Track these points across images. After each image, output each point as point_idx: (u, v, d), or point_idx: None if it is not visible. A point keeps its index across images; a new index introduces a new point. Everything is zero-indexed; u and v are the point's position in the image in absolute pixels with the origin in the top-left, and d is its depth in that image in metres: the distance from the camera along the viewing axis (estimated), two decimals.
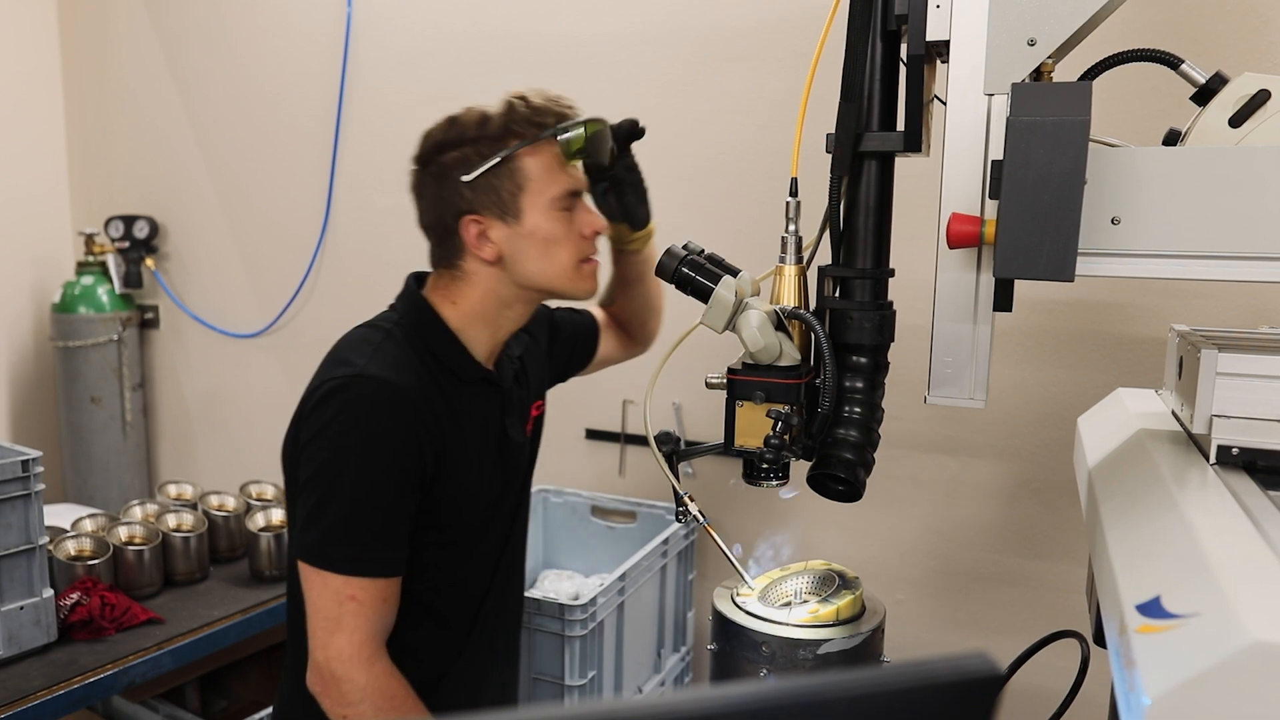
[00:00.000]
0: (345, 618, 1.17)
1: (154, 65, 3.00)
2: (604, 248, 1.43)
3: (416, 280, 1.34)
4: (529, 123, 1.23)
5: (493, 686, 1.46)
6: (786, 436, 1.10)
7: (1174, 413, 1.15)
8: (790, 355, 1.13)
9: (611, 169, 1.34)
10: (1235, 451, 0.91)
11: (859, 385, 1.14)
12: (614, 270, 1.56)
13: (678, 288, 1.19)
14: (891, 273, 1.16)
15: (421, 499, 1.23)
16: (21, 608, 1.76)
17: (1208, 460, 0.93)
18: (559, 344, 1.54)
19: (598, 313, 1.64)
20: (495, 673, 1.47)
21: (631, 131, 1.38)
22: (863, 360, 1.14)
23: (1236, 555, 0.67)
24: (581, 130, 1.24)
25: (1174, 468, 0.93)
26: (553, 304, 1.48)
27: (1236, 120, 0.94)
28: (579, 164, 1.28)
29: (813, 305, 1.19)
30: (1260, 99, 0.93)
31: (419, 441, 1.19)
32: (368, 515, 1.18)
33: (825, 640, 1.15)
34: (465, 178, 1.21)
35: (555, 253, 1.25)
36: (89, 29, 3.11)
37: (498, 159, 1.21)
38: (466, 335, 1.29)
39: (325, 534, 1.17)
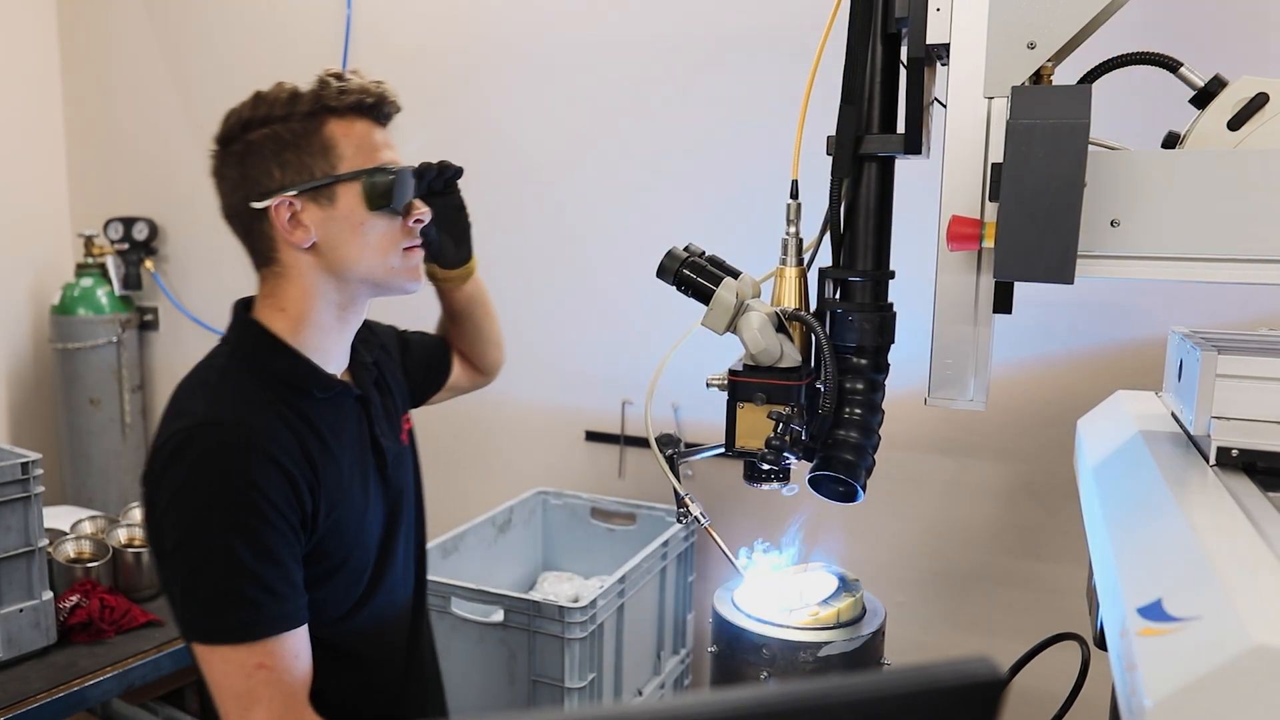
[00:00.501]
0: (258, 689, 1.03)
1: (153, 67, 3.00)
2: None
3: (244, 305, 1.23)
4: (343, 98, 1.12)
5: (435, 706, 1.40)
6: (788, 438, 1.10)
7: (1173, 415, 1.15)
8: (791, 357, 1.13)
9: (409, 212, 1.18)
10: (1235, 453, 0.91)
11: (859, 387, 1.15)
12: (440, 303, 1.51)
13: (678, 289, 1.19)
14: (892, 274, 1.16)
15: (308, 537, 1.11)
16: (21, 610, 1.75)
17: (1207, 462, 0.93)
18: (412, 360, 1.46)
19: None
20: (436, 696, 1.41)
21: (443, 172, 1.32)
22: (863, 362, 1.14)
23: (1238, 558, 0.67)
24: (389, 178, 1.13)
25: (1174, 469, 0.93)
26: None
27: (1235, 123, 0.95)
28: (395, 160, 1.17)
29: (813, 307, 1.19)
30: (1259, 102, 0.94)
31: (287, 478, 1.07)
32: (251, 571, 1.03)
33: (826, 643, 1.15)
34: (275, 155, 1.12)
35: (373, 239, 1.14)
36: (88, 31, 3.11)
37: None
38: (306, 345, 1.16)
39: (211, 605, 1.03)
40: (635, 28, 2.25)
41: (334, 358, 1.21)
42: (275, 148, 1.12)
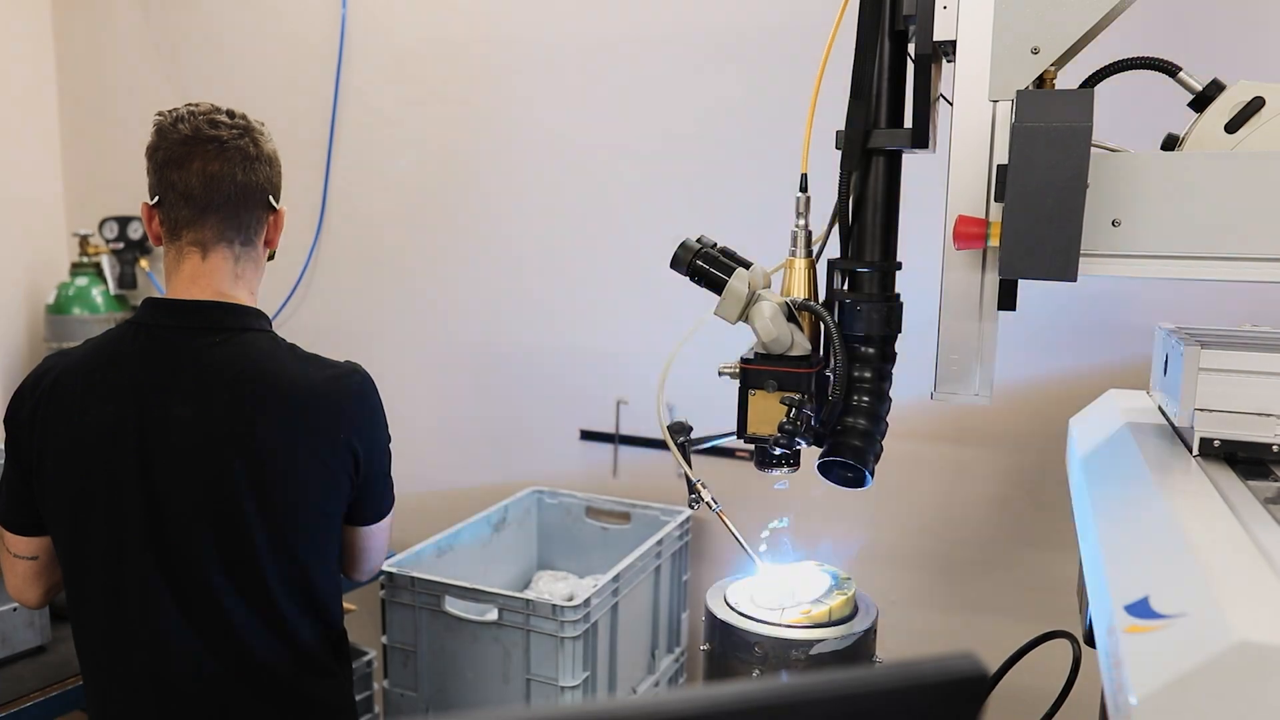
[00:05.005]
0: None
1: (149, 67, 2.99)
2: None
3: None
4: None
5: None
6: (799, 422, 1.12)
7: (1160, 408, 1.17)
8: (801, 345, 1.15)
9: None
10: (1217, 444, 0.94)
11: (867, 375, 1.16)
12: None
13: (692, 279, 1.21)
14: (899, 265, 1.17)
15: None
16: (15, 609, 1.73)
17: (1191, 452, 0.95)
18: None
19: None
20: None
21: None
22: (871, 351, 1.16)
23: (1222, 553, 0.68)
24: None
25: (1159, 461, 0.96)
26: None
27: (1232, 126, 0.96)
28: None
29: (822, 297, 1.20)
30: (1255, 106, 0.95)
31: None
32: None
33: (818, 640, 1.15)
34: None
35: None
36: (84, 30, 3.10)
37: None
38: None
39: (391, 488, 1.46)
40: (635, 22, 2.25)
41: None
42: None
